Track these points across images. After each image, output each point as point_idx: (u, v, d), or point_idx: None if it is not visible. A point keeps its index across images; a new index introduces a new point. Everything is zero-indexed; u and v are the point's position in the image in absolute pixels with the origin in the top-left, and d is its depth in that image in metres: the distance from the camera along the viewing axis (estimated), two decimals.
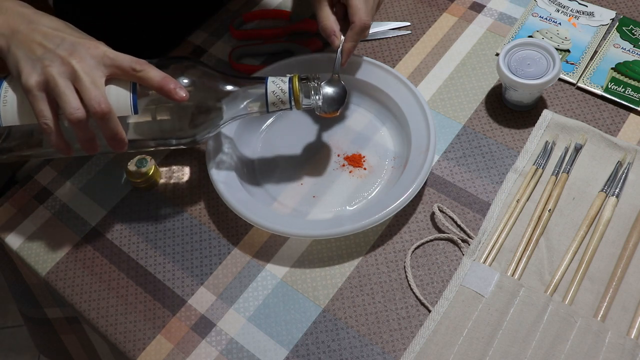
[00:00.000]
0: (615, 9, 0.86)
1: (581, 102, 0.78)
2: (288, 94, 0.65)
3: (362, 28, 0.71)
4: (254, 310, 0.66)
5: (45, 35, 0.59)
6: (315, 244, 0.69)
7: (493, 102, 0.79)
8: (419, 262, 0.67)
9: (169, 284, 0.68)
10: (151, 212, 0.73)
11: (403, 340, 0.63)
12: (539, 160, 0.72)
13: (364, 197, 0.72)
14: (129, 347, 0.64)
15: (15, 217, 0.74)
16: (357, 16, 0.70)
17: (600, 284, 0.63)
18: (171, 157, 0.78)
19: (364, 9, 0.70)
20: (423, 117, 0.73)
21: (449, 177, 0.73)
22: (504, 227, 0.67)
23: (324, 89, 0.70)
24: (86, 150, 0.61)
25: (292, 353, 0.63)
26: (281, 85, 0.65)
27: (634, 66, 0.79)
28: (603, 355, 0.59)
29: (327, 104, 0.69)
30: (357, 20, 0.70)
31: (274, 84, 0.65)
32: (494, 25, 0.86)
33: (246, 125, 0.77)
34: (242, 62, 0.86)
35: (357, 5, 0.70)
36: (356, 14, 0.70)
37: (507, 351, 0.60)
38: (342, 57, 0.73)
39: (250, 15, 0.90)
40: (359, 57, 0.79)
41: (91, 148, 0.61)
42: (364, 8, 0.70)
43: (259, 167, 0.76)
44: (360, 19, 0.70)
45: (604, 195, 0.69)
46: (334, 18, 0.72)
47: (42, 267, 0.70)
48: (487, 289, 0.63)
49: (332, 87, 0.71)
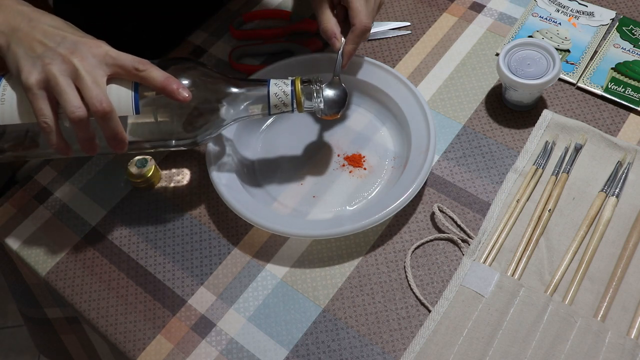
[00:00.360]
0: (615, 9, 0.86)
1: (581, 102, 0.78)
2: (290, 97, 0.65)
3: (362, 31, 0.70)
4: (254, 310, 0.66)
5: (45, 34, 0.59)
6: (315, 244, 0.69)
7: (493, 102, 0.79)
8: (419, 262, 0.67)
9: (169, 284, 0.68)
10: (151, 212, 0.73)
11: (403, 340, 0.63)
12: (539, 160, 0.72)
13: (364, 197, 0.72)
14: (129, 347, 0.64)
15: (15, 217, 0.74)
16: (358, 19, 0.70)
17: (600, 284, 0.63)
18: (171, 158, 0.78)
19: (365, 11, 0.70)
20: (423, 117, 0.73)
21: (449, 177, 0.73)
22: (504, 227, 0.67)
23: (324, 91, 0.70)
24: (85, 150, 0.61)
25: (292, 353, 0.63)
26: (284, 88, 0.65)
27: (634, 66, 0.79)
28: (603, 355, 0.59)
29: (328, 107, 0.69)
30: (357, 23, 0.70)
31: (277, 86, 0.65)
32: (494, 25, 0.86)
33: (246, 126, 0.77)
34: (242, 62, 0.86)
35: (358, 8, 0.70)
36: (357, 16, 0.70)
37: (507, 351, 0.60)
38: (342, 60, 0.72)
39: (250, 15, 0.90)
40: (359, 57, 0.79)
41: (90, 148, 0.61)
42: (364, 10, 0.70)
43: (259, 167, 0.76)
44: (361, 22, 0.70)
45: (604, 195, 0.69)
46: (334, 20, 0.72)
47: (42, 267, 0.70)
48: (487, 289, 0.63)
49: (333, 90, 0.71)
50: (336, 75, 0.72)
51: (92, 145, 0.61)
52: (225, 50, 0.87)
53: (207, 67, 0.66)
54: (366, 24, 0.70)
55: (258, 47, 0.86)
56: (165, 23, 0.94)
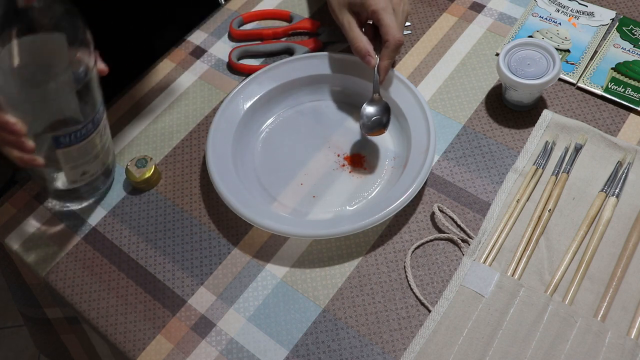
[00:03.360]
0: (615, 9, 0.86)
1: (581, 102, 0.78)
2: None
3: (397, 45, 0.73)
4: (254, 310, 0.66)
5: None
6: (315, 244, 0.69)
7: (493, 102, 0.79)
8: (419, 262, 0.67)
9: (169, 284, 0.68)
10: (151, 212, 0.73)
11: (403, 340, 0.63)
12: (539, 160, 0.72)
13: (364, 197, 0.72)
14: (129, 347, 0.64)
15: (15, 217, 0.74)
16: (391, 34, 0.72)
17: (600, 284, 0.63)
18: (171, 157, 0.78)
19: (396, 26, 0.72)
20: (423, 117, 0.73)
21: (449, 177, 0.73)
22: (504, 227, 0.67)
23: (366, 110, 0.73)
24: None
25: (292, 353, 0.63)
26: None
27: (634, 66, 0.79)
28: (603, 355, 0.59)
29: (373, 124, 0.73)
30: (391, 39, 0.72)
31: None
32: (494, 25, 0.86)
33: (246, 126, 0.77)
34: (242, 62, 0.86)
35: (390, 24, 0.72)
36: (389, 32, 0.72)
37: (507, 351, 0.60)
38: (380, 76, 0.74)
39: (250, 15, 0.90)
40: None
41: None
42: (395, 25, 0.72)
43: (259, 167, 0.76)
44: (394, 37, 0.72)
45: (604, 195, 0.69)
46: (365, 39, 0.75)
47: (42, 267, 0.70)
48: (487, 289, 0.63)
49: (375, 107, 0.74)
50: (375, 92, 0.74)
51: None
52: (225, 50, 0.87)
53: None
54: (400, 39, 0.72)
55: (258, 47, 0.86)
56: (165, 23, 0.94)
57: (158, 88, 0.85)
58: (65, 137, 0.64)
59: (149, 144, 0.79)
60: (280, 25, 0.89)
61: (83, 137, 0.65)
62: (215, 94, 0.83)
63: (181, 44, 0.89)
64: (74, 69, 0.60)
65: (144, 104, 0.83)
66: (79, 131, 0.64)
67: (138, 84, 0.85)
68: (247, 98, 0.77)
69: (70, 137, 0.64)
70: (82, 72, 0.61)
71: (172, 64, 0.87)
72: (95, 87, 0.65)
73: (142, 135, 0.80)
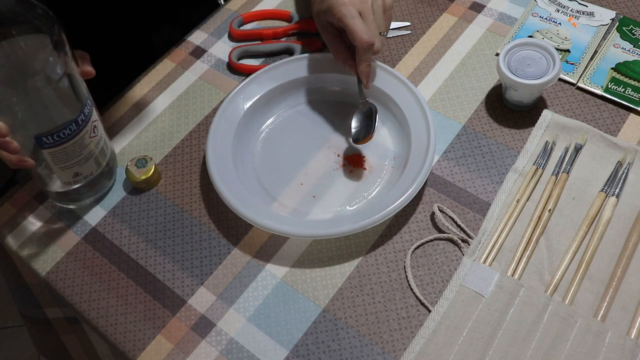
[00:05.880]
0: (615, 9, 0.86)
1: (581, 102, 0.78)
2: None
3: (364, 48, 0.71)
4: (254, 310, 0.66)
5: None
6: (315, 244, 0.69)
7: (493, 102, 0.79)
8: (419, 262, 0.67)
9: (169, 284, 0.68)
10: (151, 212, 0.73)
11: (403, 340, 0.63)
12: (539, 160, 0.72)
13: (364, 197, 0.72)
14: (129, 347, 0.64)
15: (15, 217, 0.74)
16: (357, 39, 0.71)
17: (600, 284, 0.63)
18: (171, 157, 0.78)
19: (362, 29, 0.71)
20: (423, 117, 0.73)
21: (449, 177, 0.73)
22: (504, 227, 0.67)
23: (351, 121, 0.74)
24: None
25: (292, 353, 0.63)
26: None
27: (634, 66, 0.79)
28: (603, 355, 0.59)
29: (357, 134, 0.73)
30: (357, 42, 0.71)
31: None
32: (494, 25, 0.86)
33: (246, 126, 0.77)
34: (242, 62, 0.86)
35: (354, 29, 0.71)
36: (355, 37, 0.71)
37: (507, 351, 0.60)
38: (362, 80, 0.74)
39: (250, 15, 0.90)
40: None
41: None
42: (361, 29, 0.71)
43: (259, 167, 0.76)
44: (361, 40, 0.71)
45: (604, 195, 0.69)
46: (342, 48, 0.75)
47: (42, 267, 0.70)
48: (487, 289, 0.63)
49: (358, 116, 0.74)
50: (362, 100, 0.75)
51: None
52: (225, 50, 0.87)
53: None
54: (366, 41, 0.71)
55: (258, 47, 0.86)
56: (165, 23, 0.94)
57: (158, 88, 0.85)
58: (48, 137, 0.64)
59: (149, 144, 0.79)
60: (280, 25, 0.89)
61: (67, 137, 0.65)
62: (215, 94, 0.83)
63: (181, 44, 0.89)
64: (49, 71, 0.60)
65: (144, 104, 0.83)
66: (61, 131, 0.64)
67: (138, 84, 0.85)
68: (247, 98, 0.77)
69: (54, 137, 0.64)
70: (58, 74, 0.61)
71: (172, 64, 0.87)
72: (77, 88, 0.65)
73: (142, 135, 0.80)
